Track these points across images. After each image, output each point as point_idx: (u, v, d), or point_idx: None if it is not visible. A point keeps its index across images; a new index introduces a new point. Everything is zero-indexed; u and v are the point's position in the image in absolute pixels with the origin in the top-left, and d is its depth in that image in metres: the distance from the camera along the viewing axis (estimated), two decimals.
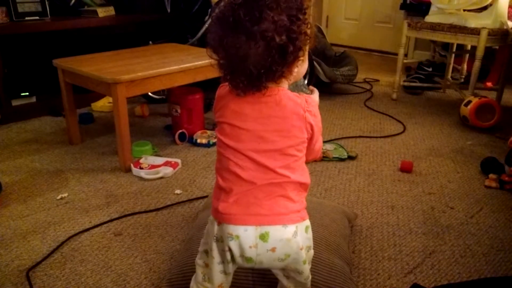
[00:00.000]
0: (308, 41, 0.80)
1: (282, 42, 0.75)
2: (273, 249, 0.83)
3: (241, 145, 0.84)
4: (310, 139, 0.87)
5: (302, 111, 0.84)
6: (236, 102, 0.85)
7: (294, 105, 0.84)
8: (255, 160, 0.84)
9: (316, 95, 0.97)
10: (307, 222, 0.89)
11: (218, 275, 0.90)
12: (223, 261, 0.88)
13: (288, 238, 0.84)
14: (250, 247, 0.83)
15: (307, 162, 0.91)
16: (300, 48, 0.79)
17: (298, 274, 0.91)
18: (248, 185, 0.84)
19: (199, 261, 0.94)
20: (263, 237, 0.82)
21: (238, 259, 0.85)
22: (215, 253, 0.87)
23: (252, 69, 0.77)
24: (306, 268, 0.91)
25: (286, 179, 0.84)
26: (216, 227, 0.86)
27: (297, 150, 0.85)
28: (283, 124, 0.84)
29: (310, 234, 0.90)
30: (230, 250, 0.84)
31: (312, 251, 0.93)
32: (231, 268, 0.89)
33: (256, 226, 0.82)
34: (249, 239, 0.83)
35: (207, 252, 0.91)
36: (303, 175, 0.87)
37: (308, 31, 0.79)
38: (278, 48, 0.75)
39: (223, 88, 0.88)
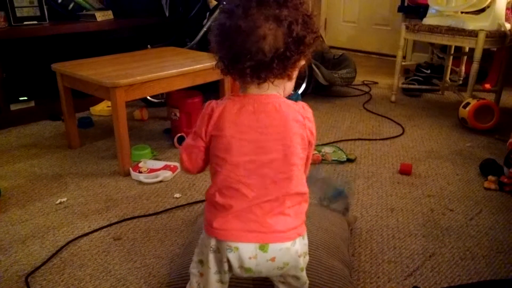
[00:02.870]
0: (314, 42, 0.81)
1: (299, 31, 0.77)
2: (272, 259, 0.83)
3: (240, 158, 0.81)
4: (309, 146, 0.86)
5: (302, 118, 0.83)
6: (233, 112, 0.82)
7: (293, 112, 0.83)
8: (255, 173, 0.82)
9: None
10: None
11: (214, 285, 0.88)
12: (220, 271, 0.86)
13: (287, 246, 0.83)
14: (250, 258, 0.82)
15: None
16: (311, 44, 0.80)
17: (296, 280, 0.91)
18: (249, 201, 0.82)
19: (193, 270, 0.93)
20: (263, 247, 0.82)
21: (237, 270, 0.84)
22: (212, 264, 0.86)
23: (266, 51, 0.76)
24: (303, 275, 0.91)
25: (285, 191, 0.83)
26: (213, 238, 0.84)
27: (298, 159, 0.84)
28: (284, 133, 0.82)
29: (306, 240, 0.89)
30: (228, 261, 0.83)
31: (307, 257, 0.93)
32: (227, 277, 0.88)
33: (255, 243, 0.82)
34: (249, 250, 0.82)
35: (202, 262, 0.89)
36: (302, 184, 0.86)
37: (317, 33, 0.82)
38: (296, 35, 0.77)
39: (214, 103, 0.85)
